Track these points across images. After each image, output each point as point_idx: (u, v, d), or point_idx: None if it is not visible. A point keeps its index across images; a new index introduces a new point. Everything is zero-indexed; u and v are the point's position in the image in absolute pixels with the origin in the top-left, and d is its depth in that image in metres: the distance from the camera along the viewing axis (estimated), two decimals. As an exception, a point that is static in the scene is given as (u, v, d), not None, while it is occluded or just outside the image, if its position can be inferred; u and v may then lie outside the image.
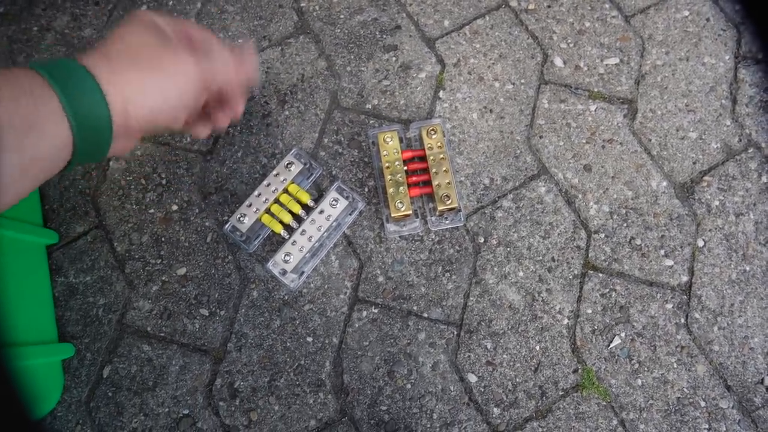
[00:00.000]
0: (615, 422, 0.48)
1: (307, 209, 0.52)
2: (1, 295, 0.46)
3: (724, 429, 0.48)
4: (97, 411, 0.50)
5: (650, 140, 0.55)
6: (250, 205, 0.51)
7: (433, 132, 0.52)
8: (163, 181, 0.56)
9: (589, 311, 0.51)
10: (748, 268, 0.51)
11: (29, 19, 0.63)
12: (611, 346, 0.50)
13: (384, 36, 0.60)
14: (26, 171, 0.30)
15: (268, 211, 0.52)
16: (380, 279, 0.52)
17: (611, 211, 0.53)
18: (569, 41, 0.59)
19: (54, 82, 0.30)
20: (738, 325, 0.50)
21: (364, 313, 0.51)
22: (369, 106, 0.57)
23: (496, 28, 0.60)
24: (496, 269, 0.52)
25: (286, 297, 0.52)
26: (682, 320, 0.50)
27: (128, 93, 0.33)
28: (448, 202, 0.50)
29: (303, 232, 0.50)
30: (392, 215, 0.51)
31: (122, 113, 0.33)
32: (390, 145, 0.52)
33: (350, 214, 0.53)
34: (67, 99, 0.31)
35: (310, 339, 0.51)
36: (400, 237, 0.53)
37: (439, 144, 0.52)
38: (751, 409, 0.48)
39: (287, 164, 0.52)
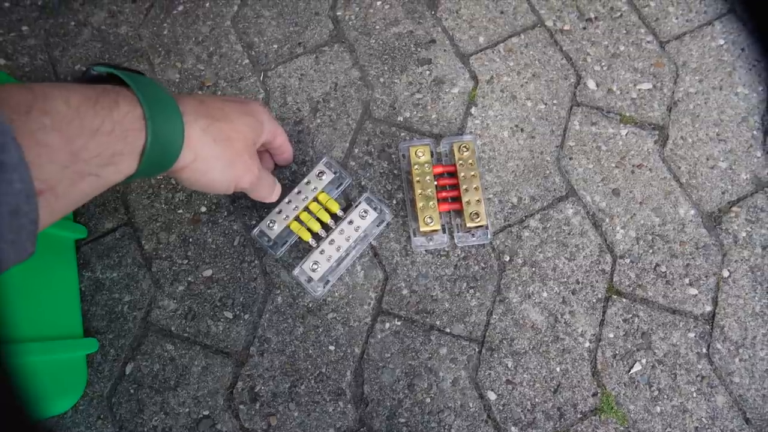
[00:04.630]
0: (632, 448, 0.48)
1: (336, 219, 0.53)
2: (23, 289, 0.47)
3: (741, 461, 0.48)
4: (119, 407, 0.50)
5: (680, 168, 0.55)
6: (280, 212, 0.52)
7: (465, 149, 0.53)
8: (198, 190, 0.56)
9: (611, 336, 0.51)
10: (772, 302, 0.51)
11: (67, 13, 0.64)
12: (632, 371, 0.50)
13: (418, 49, 0.60)
14: (94, 192, 0.33)
15: (297, 218, 0.52)
16: (404, 292, 0.52)
17: (638, 236, 0.53)
18: (603, 64, 0.59)
19: (150, 122, 0.34)
20: (760, 358, 0.50)
21: (387, 325, 0.52)
22: (401, 118, 0.58)
23: (531, 47, 0.60)
24: (520, 288, 0.52)
25: (311, 304, 0.52)
26: (704, 350, 0.50)
27: (199, 153, 0.38)
28: (477, 220, 0.50)
29: (332, 242, 0.51)
30: (421, 229, 0.51)
31: (181, 169, 0.38)
32: (421, 159, 0.53)
33: (378, 226, 0.53)
34: (152, 145, 0.34)
35: (332, 348, 0.51)
36: (426, 251, 0.53)
37: (470, 161, 0.52)
38: (769, 443, 0.48)
39: (318, 173, 0.53)
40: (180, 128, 0.36)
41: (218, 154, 0.39)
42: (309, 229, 0.52)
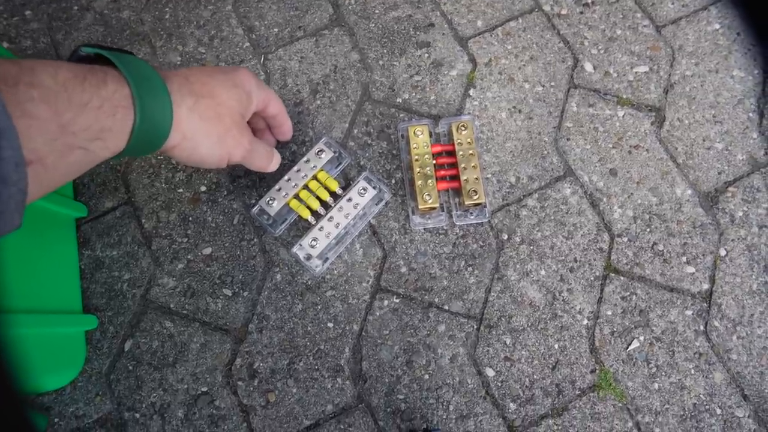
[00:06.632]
0: (630, 424, 0.48)
1: (335, 197, 0.53)
2: (23, 266, 0.47)
3: (740, 438, 0.48)
4: (117, 383, 0.50)
5: (676, 148, 0.56)
6: (279, 190, 0.52)
7: (463, 128, 0.53)
8: (189, 166, 0.56)
9: (609, 313, 0.51)
10: (769, 280, 0.52)
11: (70, -3, 0.65)
12: (629, 348, 0.50)
13: (417, 32, 0.61)
14: (83, 166, 0.33)
15: (296, 196, 0.52)
16: (403, 269, 0.53)
17: (635, 215, 0.54)
18: (600, 47, 0.60)
19: (138, 102, 0.34)
20: (757, 335, 0.50)
21: (386, 302, 0.52)
22: (399, 100, 0.58)
23: (529, 30, 0.61)
24: (518, 266, 0.52)
25: (309, 282, 0.52)
26: (702, 327, 0.51)
27: (187, 133, 0.38)
28: (475, 197, 0.51)
29: (330, 219, 0.51)
30: (419, 207, 0.51)
31: (171, 148, 0.39)
32: (420, 139, 0.53)
33: (377, 204, 0.53)
34: (141, 124, 0.34)
35: (330, 325, 0.51)
36: (424, 229, 0.54)
37: (468, 140, 0.53)
38: (767, 419, 0.48)
39: (318, 152, 0.53)
40: (168, 109, 0.36)
41: (206, 131, 0.39)
42: (308, 207, 0.52)
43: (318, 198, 0.52)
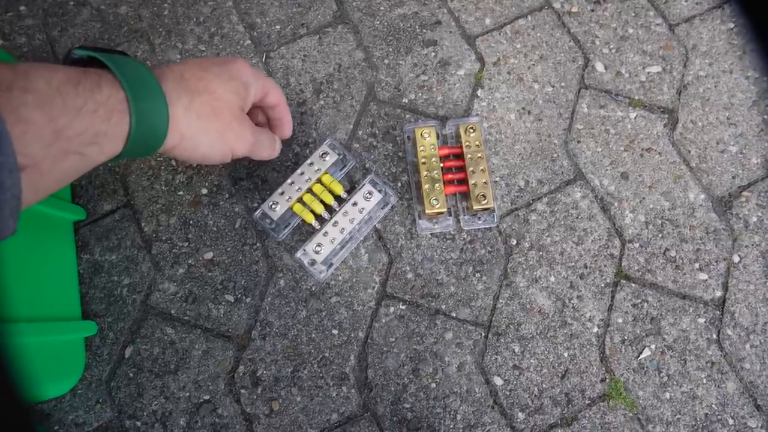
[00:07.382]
0: (641, 435, 0.47)
1: (340, 200, 0.52)
2: (20, 271, 0.46)
3: (752, 448, 0.47)
4: (118, 391, 0.49)
5: (689, 152, 0.54)
6: (283, 193, 0.51)
7: (471, 130, 0.52)
8: (194, 164, 0.55)
9: (620, 321, 0.50)
10: (783, 287, 0.50)
11: (66, -8, 0.63)
12: (641, 357, 0.49)
13: (424, 30, 0.59)
14: (79, 171, 0.33)
15: (300, 200, 0.51)
16: (409, 275, 0.51)
17: (647, 221, 0.53)
18: (611, 47, 0.58)
19: (133, 105, 0.33)
20: (770, 344, 0.49)
21: (392, 309, 0.51)
22: (405, 100, 0.57)
23: (538, 29, 0.59)
24: (527, 273, 0.51)
25: (314, 288, 0.51)
26: (714, 336, 0.50)
27: (185, 133, 0.37)
28: (484, 202, 0.49)
29: (335, 224, 0.50)
30: (426, 212, 0.50)
31: (171, 149, 0.38)
32: (427, 141, 0.52)
33: (382, 208, 0.52)
34: (137, 128, 0.33)
35: (335, 332, 0.50)
36: (431, 234, 0.52)
37: (477, 142, 0.51)
38: (780, 429, 0.47)
39: (322, 154, 0.52)
40: (164, 110, 0.35)
41: (205, 129, 0.38)
42: (312, 211, 0.51)
43: (322, 202, 0.51)
